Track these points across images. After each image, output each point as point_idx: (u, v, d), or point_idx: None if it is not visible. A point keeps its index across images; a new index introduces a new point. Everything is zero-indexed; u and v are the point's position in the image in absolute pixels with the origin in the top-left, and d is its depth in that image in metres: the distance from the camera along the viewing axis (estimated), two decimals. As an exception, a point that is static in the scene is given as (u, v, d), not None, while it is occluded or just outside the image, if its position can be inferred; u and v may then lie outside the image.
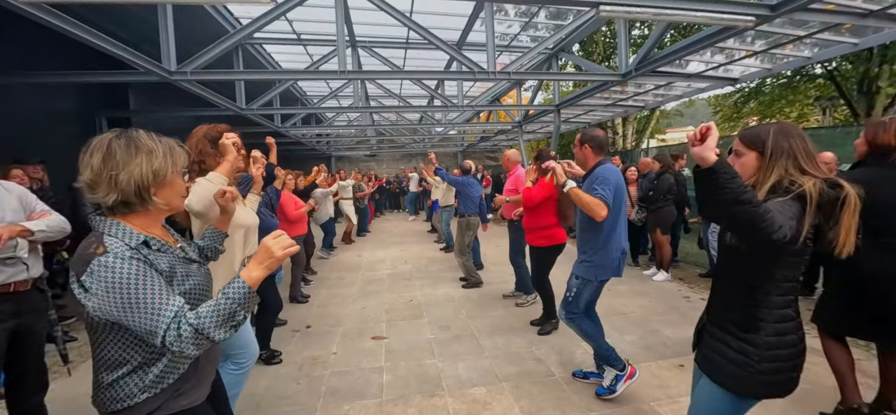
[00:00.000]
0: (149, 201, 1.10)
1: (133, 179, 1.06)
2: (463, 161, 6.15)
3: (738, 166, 1.36)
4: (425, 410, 2.59)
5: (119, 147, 1.06)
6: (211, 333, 1.02)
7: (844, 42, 5.03)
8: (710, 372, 1.40)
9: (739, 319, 1.35)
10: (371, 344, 3.61)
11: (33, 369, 2.04)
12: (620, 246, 2.58)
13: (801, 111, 14.26)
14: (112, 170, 1.04)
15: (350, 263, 7.07)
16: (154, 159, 1.09)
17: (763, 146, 1.32)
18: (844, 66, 11.00)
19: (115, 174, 1.04)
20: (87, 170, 1.05)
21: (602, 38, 13.37)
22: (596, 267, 2.56)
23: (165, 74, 4.32)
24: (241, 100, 6.80)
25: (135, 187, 1.06)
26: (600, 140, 2.62)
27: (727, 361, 1.35)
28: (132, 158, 1.06)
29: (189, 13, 4.86)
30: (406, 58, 7.50)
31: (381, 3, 4.41)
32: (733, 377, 1.33)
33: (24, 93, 5.18)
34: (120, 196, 1.06)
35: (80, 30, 3.30)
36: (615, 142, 14.80)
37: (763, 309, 1.30)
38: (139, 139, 1.10)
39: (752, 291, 1.32)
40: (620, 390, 2.57)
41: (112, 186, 1.04)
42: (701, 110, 21.20)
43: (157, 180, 1.10)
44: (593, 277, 2.57)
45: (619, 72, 5.44)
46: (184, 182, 1.21)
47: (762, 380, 1.30)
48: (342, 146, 18.05)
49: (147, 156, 1.08)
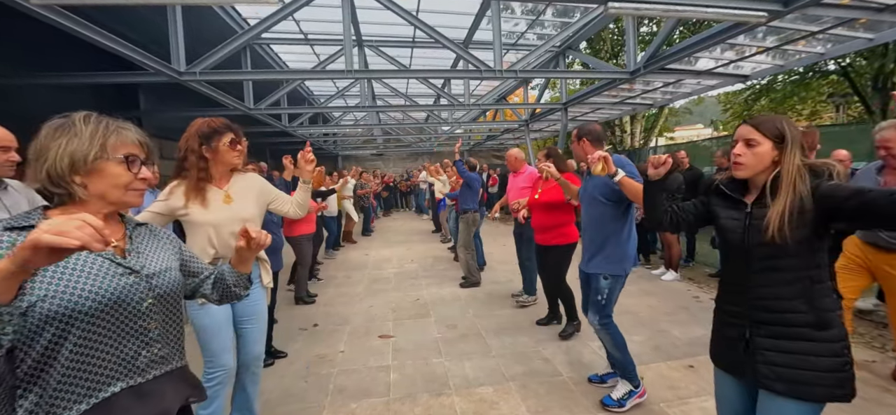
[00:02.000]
0: (71, 191, 0.96)
1: (46, 163, 0.93)
2: (466, 159, 6.15)
3: (751, 155, 1.32)
4: (432, 409, 2.59)
5: (47, 129, 0.96)
6: None
7: (859, 37, 4.93)
8: (802, 392, 1.23)
9: (814, 319, 1.23)
10: (378, 343, 3.62)
11: None
12: (634, 239, 2.58)
13: (813, 108, 14.03)
14: (34, 153, 0.95)
15: (357, 262, 7.10)
16: (73, 141, 0.94)
17: (781, 135, 1.29)
18: (858, 61, 10.79)
19: (34, 158, 0.95)
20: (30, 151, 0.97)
21: (610, 36, 13.25)
22: (622, 260, 2.50)
23: (175, 75, 4.37)
24: (249, 100, 6.85)
25: (46, 173, 0.94)
26: (597, 133, 2.60)
27: (823, 371, 1.22)
28: (52, 141, 0.94)
29: (198, 14, 4.90)
30: (412, 57, 7.50)
31: (387, 3, 4.41)
32: (834, 385, 1.22)
33: (38, 94, 5.27)
34: (39, 183, 0.95)
35: (92, 31, 3.35)
36: (623, 140, 14.66)
37: (827, 299, 1.24)
38: (71, 121, 0.97)
39: (812, 283, 1.24)
40: (629, 406, 2.50)
41: (34, 172, 0.95)
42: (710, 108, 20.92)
43: (75, 166, 0.95)
44: (622, 272, 2.51)
45: (628, 69, 5.40)
46: (127, 171, 1.01)
47: (852, 375, 1.23)
48: (349, 145, 18.14)
49: (68, 139, 0.95)
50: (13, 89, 4.87)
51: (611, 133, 15.35)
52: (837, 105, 10.96)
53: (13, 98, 4.86)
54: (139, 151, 1.04)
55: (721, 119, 18.60)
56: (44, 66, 4.98)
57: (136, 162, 1.03)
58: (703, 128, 26.53)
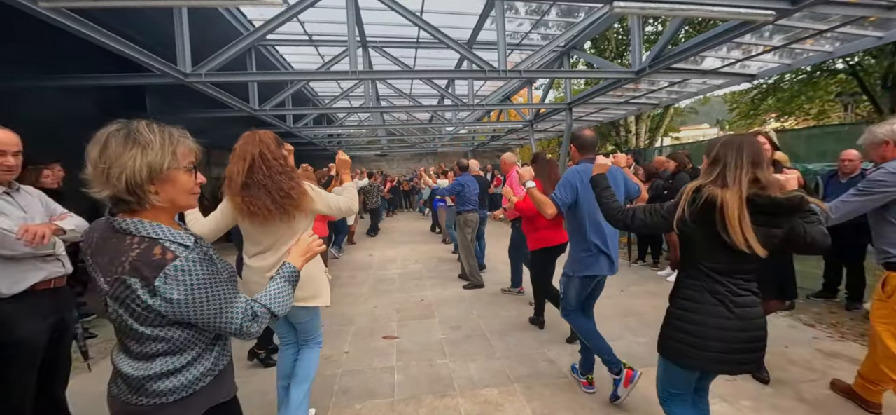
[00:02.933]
0: (144, 199, 1.02)
1: (125, 174, 0.98)
2: (466, 159, 6.12)
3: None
4: (437, 410, 2.58)
5: (115, 140, 0.99)
6: (275, 308, 1.22)
7: (868, 36, 4.85)
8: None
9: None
10: (382, 344, 3.62)
11: (64, 362, 2.12)
12: (592, 243, 2.53)
13: (821, 107, 13.88)
14: (104, 163, 0.98)
15: (361, 263, 7.11)
16: (148, 152, 1.00)
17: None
18: (867, 60, 10.66)
19: (105, 168, 0.98)
20: (88, 164, 1.00)
21: (614, 35, 13.19)
22: (572, 262, 2.64)
23: (181, 76, 4.40)
24: (255, 101, 6.88)
25: (126, 183, 0.98)
26: (584, 140, 2.64)
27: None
28: (125, 152, 0.98)
29: (203, 16, 4.94)
30: (416, 57, 7.51)
31: (391, 3, 4.42)
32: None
33: (45, 96, 5.33)
34: (112, 191, 0.99)
35: (99, 34, 3.38)
36: (628, 140, 14.59)
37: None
38: (138, 131, 1.01)
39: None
40: (624, 396, 2.50)
41: (104, 181, 0.99)
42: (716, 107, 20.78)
43: (152, 175, 1.01)
44: (571, 273, 2.63)
45: (633, 69, 5.36)
46: (192, 178, 1.11)
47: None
48: (353, 146, 18.17)
49: (141, 149, 0.99)
50: (19, 92, 4.93)
51: (616, 133, 15.28)
52: (846, 104, 10.85)
53: (19, 100, 4.92)
54: (194, 157, 1.13)
55: (727, 119, 18.46)
56: (49, 69, 5.02)
57: (195, 168, 1.13)
58: (708, 127, 26.38)
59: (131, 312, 1.00)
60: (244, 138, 1.98)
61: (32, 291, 1.87)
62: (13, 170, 1.87)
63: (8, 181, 1.89)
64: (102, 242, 1.03)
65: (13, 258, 1.80)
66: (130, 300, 0.99)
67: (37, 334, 1.89)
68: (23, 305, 1.83)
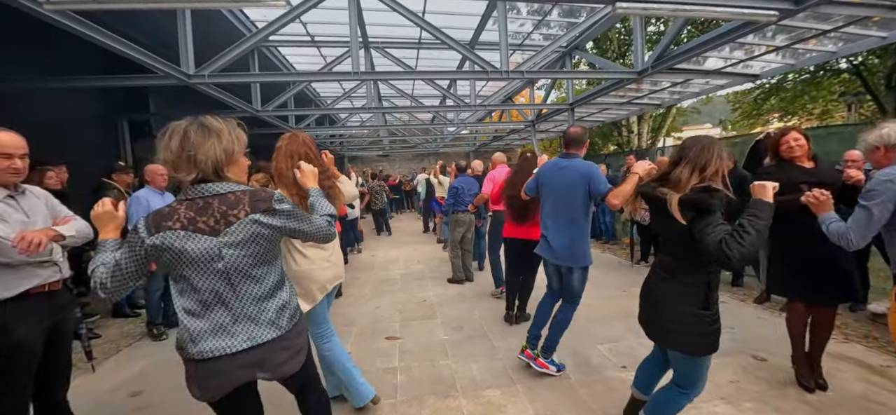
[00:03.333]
0: (224, 177, 1.29)
1: (209, 158, 1.24)
2: (465, 161, 6.13)
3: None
4: (439, 411, 2.59)
5: (193, 130, 1.23)
6: (332, 211, 1.60)
7: (872, 36, 4.84)
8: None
9: None
10: (385, 344, 3.62)
11: (63, 365, 2.12)
12: (543, 228, 2.90)
13: (824, 107, 13.82)
14: (189, 150, 1.21)
15: (363, 263, 7.12)
16: (223, 139, 1.26)
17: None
18: (871, 60, 10.61)
19: (193, 154, 1.22)
20: (167, 151, 1.22)
21: (617, 36, 13.16)
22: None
23: (184, 78, 4.42)
24: (257, 102, 6.90)
25: (212, 166, 1.25)
26: (568, 136, 2.85)
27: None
28: (206, 140, 1.23)
29: (206, 18, 4.95)
30: (419, 58, 7.51)
31: (393, 4, 4.42)
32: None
33: (51, 97, 5.36)
34: (199, 174, 1.24)
35: (103, 36, 3.39)
36: (630, 140, 14.55)
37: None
38: (210, 123, 1.26)
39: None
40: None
41: (192, 165, 1.22)
42: (719, 107, 20.70)
43: (227, 159, 1.28)
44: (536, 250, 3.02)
45: (635, 69, 5.35)
46: (246, 160, 1.38)
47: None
48: (355, 146, 18.20)
49: (217, 137, 1.25)
50: (23, 93, 4.95)
51: (618, 133, 15.25)
52: (849, 104, 10.76)
53: (23, 102, 4.94)
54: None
55: (730, 119, 18.40)
56: (53, 71, 5.05)
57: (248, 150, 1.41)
58: (711, 127, 26.28)
59: (258, 243, 1.31)
60: (289, 139, 2.15)
61: (26, 295, 1.85)
62: (20, 172, 1.87)
63: (14, 184, 1.89)
64: (204, 207, 1.25)
65: (8, 265, 1.79)
66: (261, 227, 1.31)
67: (32, 338, 1.87)
68: (17, 308, 1.82)
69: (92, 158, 5.59)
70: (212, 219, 1.24)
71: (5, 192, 1.86)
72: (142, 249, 1.22)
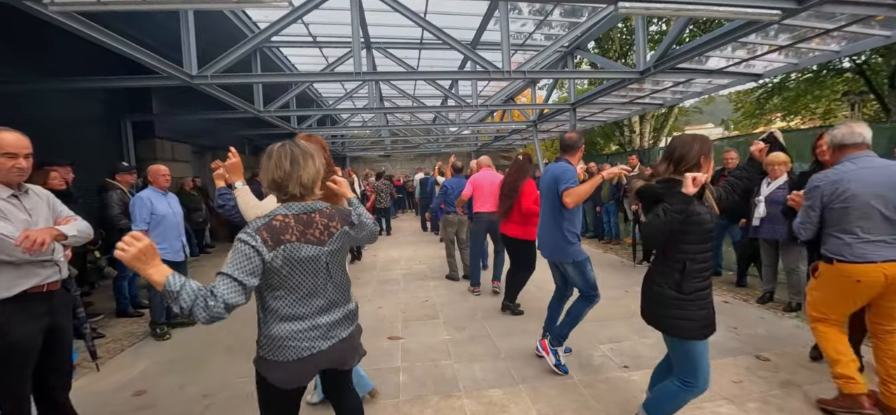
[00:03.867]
0: (314, 193, 1.51)
1: (311, 177, 1.46)
2: (459, 162, 6.14)
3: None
4: (442, 411, 2.58)
5: (299, 154, 1.44)
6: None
7: (875, 35, 4.82)
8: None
9: None
10: (387, 344, 3.62)
11: (62, 367, 2.11)
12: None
13: (827, 107, 13.76)
14: (297, 171, 1.43)
15: (365, 263, 7.12)
16: (316, 162, 1.49)
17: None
18: (874, 59, 10.57)
19: (299, 175, 1.43)
20: (278, 171, 1.41)
21: (619, 35, 13.14)
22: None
23: (187, 78, 4.43)
24: (259, 102, 6.92)
25: (311, 183, 1.47)
26: (563, 141, 3.05)
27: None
28: (308, 162, 1.45)
29: (209, 18, 4.97)
30: (420, 58, 7.52)
31: (395, 5, 4.43)
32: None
33: (56, 98, 5.39)
34: (300, 190, 1.44)
35: (107, 36, 3.41)
36: (632, 140, 14.53)
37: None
38: (305, 148, 1.48)
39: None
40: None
41: (297, 183, 1.43)
42: (721, 107, 20.63)
43: (317, 180, 1.51)
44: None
45: (637, 69, 5.35)
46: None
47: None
48: (357, 147, 18.22)
49: (312, 160, 1.47)
50: (27, 93, 4.98)
51: (620, 133, 15.23)
52: (852, 103, 10.71)
53: (26, 102, 4.97)
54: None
55: (732, 118, 18.33)
56: (57, 71, 5.08)
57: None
58: (713, 127, 26.18)
59: (344, 249, 1.58)
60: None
61: (24, 295, 1.85)
62: (25, 172, 1.88)
63: (18, 183, 1.90)
64: (308, 222, 1.45)
65: (11, 263, 1.80)
66: (347, 236, 1.58)
67: (29, 338, 1.87)
68: (15, 309, 1.82)
69: (96, 156, 5.62)
70: (317, 231, 1.46)
71: (9, 191, 1.87)
72: (260, 260, 1.31)
